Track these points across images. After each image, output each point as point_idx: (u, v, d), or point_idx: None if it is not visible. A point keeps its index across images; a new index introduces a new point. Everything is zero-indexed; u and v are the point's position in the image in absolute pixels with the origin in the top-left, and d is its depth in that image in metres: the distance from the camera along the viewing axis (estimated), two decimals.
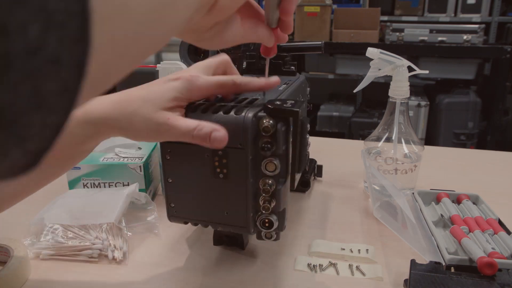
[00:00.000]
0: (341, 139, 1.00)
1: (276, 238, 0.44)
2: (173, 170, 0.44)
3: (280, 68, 0.61)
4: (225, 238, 0.52)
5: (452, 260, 0.45)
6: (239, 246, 0.52)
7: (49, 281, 0.47)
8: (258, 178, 0.41)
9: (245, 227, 0.43)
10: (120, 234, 0.52)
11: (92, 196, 0.58)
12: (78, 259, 0.49)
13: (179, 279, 0.46)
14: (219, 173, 0.41)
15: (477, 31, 2.28)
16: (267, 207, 0.41)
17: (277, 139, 0.39)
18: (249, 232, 0.43)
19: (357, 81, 2.61)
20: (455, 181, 0.74)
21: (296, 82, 0.57)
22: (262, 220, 0.42)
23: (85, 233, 0.51)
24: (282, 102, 0.40)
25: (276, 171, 0.40)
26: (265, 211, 0.42)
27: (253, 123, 0.39)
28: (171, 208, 0.45)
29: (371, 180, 0.58)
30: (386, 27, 2.42)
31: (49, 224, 0.52)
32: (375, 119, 2.44)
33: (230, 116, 0.40)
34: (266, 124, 0.38)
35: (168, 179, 0.44)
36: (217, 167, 0.41)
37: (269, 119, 0.39)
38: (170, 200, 0.45)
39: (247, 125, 0.39)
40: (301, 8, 2.42)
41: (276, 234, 0.44)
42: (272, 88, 0.44)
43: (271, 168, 0.40)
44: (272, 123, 0.38)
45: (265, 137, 0.39)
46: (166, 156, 0.43)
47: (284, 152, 0.40)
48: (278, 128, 0.38)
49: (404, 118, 0.62)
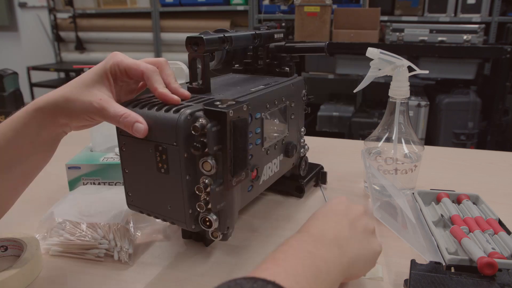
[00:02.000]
0: (341, 139, 1.00)
1: (222, 238, 0.45)
2: (127, 161, 0.46)
3: (274, 69, 0.61)
4: (192, 234, 0.53)
5: (452, 260, 0.45)
6: (203, 242, 0.52)
7: (58, 277, 0.47)
8: (197, 176, 0.43)
9: (184, 222, 0.44)
10: (127, 235, 0.52)
11: (101, 194, 0.58)
12: (85, 257, 0.50)
13: (181, 281, 0.46)
14: (161, 167, 0.43)
15: (477, 31, 2.28)
16: (202, 206, 0.43)
17: (208, 139, 0.40)
18: (190, 228, 0.44)
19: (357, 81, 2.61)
20: (455, 181, 0.74)
21: (283, 84, 0.56)
22: (202, 218, 0.44)
23: (93, 232, 0.51)
24: (221, 103, 0.41)
25: (212, 170, 0.41)
26: (200, 209, 0.43)
27: (186, 121, 0.40)
28: (129, 196, 0.48)
29: (371, 180, 0.57)
30: (386, 27, 2.41)
31: (58, 220, 0.52)
32: (375, 119, 2.44)
33: (165, 114, 0.41)
34: (196, 123, 0.39)
35: (125, 169, 0.47)
36: (159, 161, 0.43)
37: (203, 119, 0.40)
38: (128, 189, 0.48)
39: (180, 123, 0.40)
40: (301, 8, 2.42)
41: (222, 234, 0.45)
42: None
43: (207, 167, 0.41)
44: (203, 123, 0.39)
45: (197, 136, 0.40)
46: (122, 148, 0.46)
47: (219, 152, 0.41)
48: (208, 128, 0.39)
49: (404, 118, 0.62)
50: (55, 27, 3.57)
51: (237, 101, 0.42)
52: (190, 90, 0.48)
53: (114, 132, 0.69)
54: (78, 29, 3.46)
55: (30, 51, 3.87)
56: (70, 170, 0.63)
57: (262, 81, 0.57)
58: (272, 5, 2.83)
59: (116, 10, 3.29)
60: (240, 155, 0.42)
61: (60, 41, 3.62)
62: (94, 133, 0.68)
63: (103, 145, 0.68)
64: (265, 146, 0.53)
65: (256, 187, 0.53)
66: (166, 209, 0.45)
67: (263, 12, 2.84)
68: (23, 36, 3.96)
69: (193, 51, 0.46)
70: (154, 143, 0.42)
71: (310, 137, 0.90)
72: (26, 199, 0.67)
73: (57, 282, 0.46)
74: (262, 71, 0.62)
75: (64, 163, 0.63)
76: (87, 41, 3.52)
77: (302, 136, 0.64)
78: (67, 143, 0.74)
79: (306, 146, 0.66)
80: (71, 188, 0.63)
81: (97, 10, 3.38)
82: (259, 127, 0.51)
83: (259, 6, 2.87)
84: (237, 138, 0.41)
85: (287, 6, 2.79)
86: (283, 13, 2.79)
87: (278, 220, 0.59)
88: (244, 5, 2.89)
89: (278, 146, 0.56)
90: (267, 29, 0.60)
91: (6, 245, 0.50)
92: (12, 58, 3.92)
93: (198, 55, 0.46)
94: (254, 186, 0.52)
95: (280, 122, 0.56)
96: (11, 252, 0.50)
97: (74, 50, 3.56)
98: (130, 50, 3.32)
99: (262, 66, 0.62)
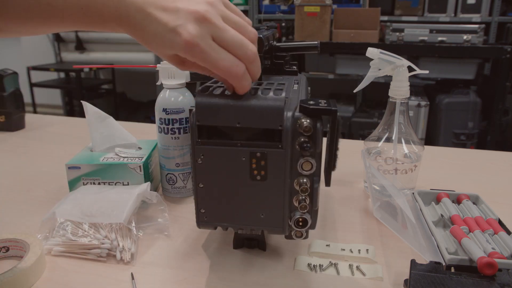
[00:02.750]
0: (341, 139, 1.00)
1: (306, 236, 0.44)
2: (205, 174, 0.42)
3: (282, 67, 0.61)
4: (246, 241, 0.52)
5: (452, 260, 0.45)
6: (260, 248, 0.52)
7: (61, 277, 0.47)
8: (293, 178, 0.41)
9: (280, 227, 0.43)
10: (129, 235, 0.52)
11: (103, 194, 0.58)
12: (87, 257, 0.50)
13: (183, 281, 0.47)
14: (256, 175, 0.41)
15: (477, 31, 2.28)
16: (304, 206, 0.41)
17: (316, 139, 0.39)
18: (284, 232, 0.43)
19: (357, 81, 2.61)
20: (455, 181, 0.74)
21: (303, 81, 0.57)
22: (296, 220, 0.42)
23: (95, 232, 0.51)
24: (315, 102, 0.40)
25: (312, 170, 0.40)
26: (302, 210, 0.42)
27: (292, 123, 0.39)
28: (201, 214, 0.44)
29: (371, 180, 0.58)
30: (386, 27, 2.42)
31: (60, 220, 0.52)
32: (375, 119, 2.44)
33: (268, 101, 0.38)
34: (306, 124, 0.38)
35: (199, 184, 0.42)
36: (254, 169, 0.41)
37: (306, 119, 0.39)
38: (201, 206, 0.43)
39: (287, 126, 0.39)
40: (301, 8, 2.42)
41: (306, 232, 0.44)
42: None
43: (307, 167, 0.40)
44: (311, 123, 0.39)
45: (304, 137, 0.39)
46: (197, 160, 0.41)
47: (320, 150, 0.41)
48: (318, 127, 0.39)
49: (404, 118, 0.62)
50: None
51: (328, 100, 0.41)
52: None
53: (114, 132, 0.69)
54: None
55: (30, 51, 3.87)
56: (70, 170, 0.63)
57: (286, 80, 0.57)
58: (272, 5, 2.83)
59: None
60: (336, 152, 0.42)
61: (60, 41, 3.62)
62: (94, 133, 0.68)
63: (103, 145, 0.68)
64: None
65: None
66: (257, 219, 0.43)
67: (263, 12, 2.84)
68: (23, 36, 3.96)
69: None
70: (249, 149, 0.40)
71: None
72: (26, 199, 0.67)
73: (60, 282, 0.46)
74: (270, 71, 0.62)
75: (64, 163, 0.64)
76: (87, 41, 3.52)
77: None
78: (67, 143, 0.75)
79: None
80: (71, 188, 0.63)
81: None
82: None
83: (259, 6, 2.87)
84: (339, 135, 0.41)
85: (287, 6, 2.79)
86: (283, 13, 2.79)
87: None
88: (244, 5, 2.89)
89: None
90: (267, 29, 0.60)
91: (7, 245, 0.49)
92: (12, 58, 3.92)
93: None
94: None
95: None
96: (13, 252, 0.50)
97: (74, 50, 3.56)
98: (130, 50, 3.32)
99: (269, 66, 0.62)
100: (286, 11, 2.79)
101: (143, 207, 0.59)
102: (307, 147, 0.39)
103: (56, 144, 0.93)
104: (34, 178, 0.74)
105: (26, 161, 0.83)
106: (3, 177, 0.76)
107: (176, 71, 0.62)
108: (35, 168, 0.79)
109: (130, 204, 0.54)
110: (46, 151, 0.89)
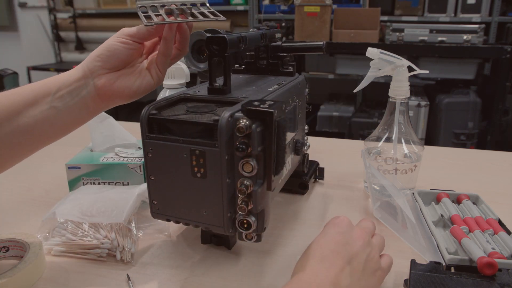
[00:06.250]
0: (341, 139, 1.00)
1: (257, 239, 0.44)
2: (154, 168, 0.44)
3: (278, 68, 0.61)
4: (213, 238, 0.52)
5: (452, 260, 0.45)
6: (225, 246, 0.52)
7: (61, 277, 0.47)
8: (236, 179, 0.42)
9: (222, 227, 0.43)
10: (129, 235, 0.52)
11: (103, 194, 0.58)
12: (87, 257, 0.50)
13: (183, 281, 0.47)
14: (197, 172, 0.42)
15: (477, 31, 2.28)
16: (243, 208, 0.42)
17: (252, 140, 0.39)
18: (227, 232, 0.44)
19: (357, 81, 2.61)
20: (455, 181, 0.74)
21: (292, 83, 0.57)
22: (240, 221, 0.43)
23: (95, 232, 0.51)
24: (260, 103, 0.40)
25: (253, 172, 0.40)
26: (242, 212, 0.42)
27: (228, 123, 0.39)
28: (154, 205, 0.46)
29: (371, 180, 0.58)
30: (386, 27, 2.41)
31: (60, 220, 0.52)
32: (375, 119, 2.44)
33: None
34: (241, 124, 0.39)
35: (150, 176, 0.45)
36: (195, 166, 0.42)
37: (245, 119, 0.39)
38: (153, 197, 0.46)
39: (222, 125, 0.39)
40: (301, 8, 2.42)
41: (257, 235, 0.44)
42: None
43: (248, 169, 0.40)
44: (247, 124, 0.39)
45: (240, 138, 0.39)
46: (148, 154, 0.44)
47: (261, 153, 0.40)
48: (253, 128, 0.39)
49: (404, 118, 0.62)
50: (55, 27, 3.57)
51: (275, 101, 0.41)
52: (211, 91, 0.48)
53: (114, 132, 0.69)
54: (78, 29, 3.46)
55: (30, 51, 3.87)
56: (70, 170, 0.63)
57: (273, 80, 0.57)
58: (272, 5, 2.83)
59: (116, 10, 3.28)
60: (281, 155, 0.42)
61: (60, 41, 3.62)
62: (94, 133, 0.68)
63: (103, 145, 0.68)
64: None
65: (277, 187, 0.53)
66: (200, 215, 0.44)
67: (263, 12, 2.84)
68: (23, 36, 3.96)
69: (214, 51, 0.46)
70: (189, 146, 0.41)
71: (310, 137, 0.90)
72: (26, 199, 0.67)
73: (60, 282, 0.46)
74: (264, 71, 0.62)
75: (64, 163, 0.64)
76: (87, 41, 3.52)
77: (305, 134, 0.65)
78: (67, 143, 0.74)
79: (308, 143, 0.66)
80: (71, 188, 0.63)
81: (97, 10, 3.37)
82: None
83: (259, 6, 2.87)
84: (280, 138, 0.41)
85: (287, 6, 2.79)
86: (283, 13, 2.79)
87: (285, 217, 0.60)
88: (244, 5, 2.89)
89: (290, 144, 0.57)
90: (267, 29, 0.60)
91: (7, 245, 0.50)
92: (12, 58, 3.92)
93: (220, 56, 0.46)
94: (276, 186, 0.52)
95: (290, 121, 0.57)
96: (13, 253, 0.50)
97: (74, 50, 3.56)
98: None
99: (264, 66, 0.62)
100: (286, 11, 2.79)
101: (143, 207, 0.59)
102: (241, 148, 0.39)
103: (56, 144, 0.93)
104: (34, 178, 0.74)
105: (26, 161, 0.83)
106: (3, 177, 0.75)
107: (176, 71, 0.62)
108: (35, 168, 0.79)
109: (130, 204, 0.54)
110: (46, 151, 0.89)
